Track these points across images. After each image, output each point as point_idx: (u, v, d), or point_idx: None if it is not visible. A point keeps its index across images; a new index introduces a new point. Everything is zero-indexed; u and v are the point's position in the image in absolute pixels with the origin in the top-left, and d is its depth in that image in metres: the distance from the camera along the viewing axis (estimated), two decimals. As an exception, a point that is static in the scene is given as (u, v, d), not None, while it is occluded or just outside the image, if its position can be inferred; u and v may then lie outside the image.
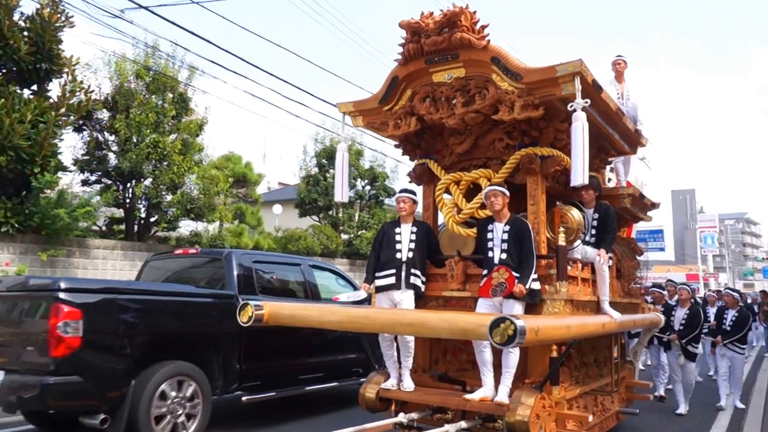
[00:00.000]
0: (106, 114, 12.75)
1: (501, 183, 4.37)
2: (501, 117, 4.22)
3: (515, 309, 3.98)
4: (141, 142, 12.25)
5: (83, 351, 4.16)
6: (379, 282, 4.49)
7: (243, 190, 18.64)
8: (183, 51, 13.82)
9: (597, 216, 4.72)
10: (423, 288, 4.49)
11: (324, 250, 16.47)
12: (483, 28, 4.24)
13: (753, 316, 10.46)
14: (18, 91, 10.55)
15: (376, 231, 10.48)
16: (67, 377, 4.11)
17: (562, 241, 4.14)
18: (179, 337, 4.79)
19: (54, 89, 11.53)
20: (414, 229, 4.55)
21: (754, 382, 9.16)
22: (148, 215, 13.46)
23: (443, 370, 4.59)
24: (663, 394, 7.58)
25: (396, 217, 4.69)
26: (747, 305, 7.83)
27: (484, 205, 4.38)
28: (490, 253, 4.21)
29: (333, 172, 12.12)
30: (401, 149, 5.05)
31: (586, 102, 3.91)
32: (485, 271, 4.20)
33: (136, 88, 12.69)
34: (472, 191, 4.66)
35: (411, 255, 4.46)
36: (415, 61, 4.45)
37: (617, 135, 5.03)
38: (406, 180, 5.11)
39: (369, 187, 18.59)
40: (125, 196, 13.00)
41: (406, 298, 4.43)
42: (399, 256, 4.46)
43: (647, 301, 6.74)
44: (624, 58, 6.05)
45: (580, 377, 4.50)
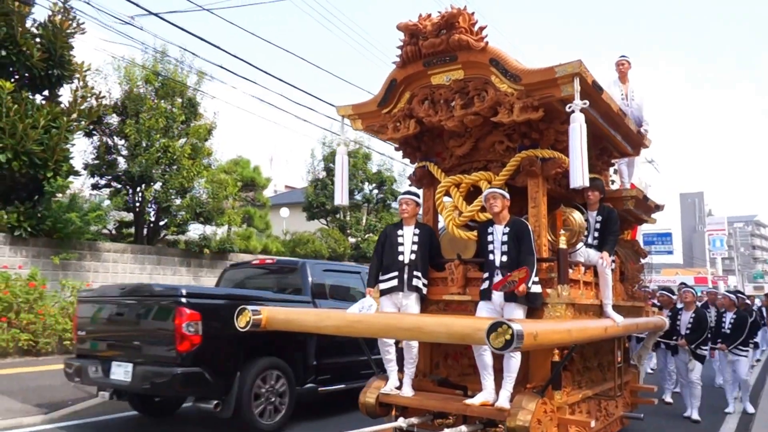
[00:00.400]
0: (115, 119, 12.91)
1: (501, 186, 4.33)
2: (500, 119, 4.18)
3: (515, 313, 3.94)
4: (151, 146, 12.39)
5: (202, 347, 4.93)
6: (383, 285, 4.47)
7: (251, 193, 18.77)
8: (191, 56, 13.99)
9: (600, 218, 4.66)
10: (425, 290, 4.46)
11: (332, 253, 16.51)
12: (481, 29, 4.20)
13: (762, 318, 10.25)
14: (30, 97, 10.74)
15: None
16: (191, 368, 4.90)
17: (563, 244, 4.09)
18: (271, 336, 5.15)
19: (65, 95, 11.72)
20: (416, 231, 4.53)
21: (763, 385, 9.02)
22: (157, 219, 13.60)
23: (444, 374, 4.56)
24: (668, 400, 7.47)
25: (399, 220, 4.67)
26: (750, 310, 7.64)
27: (484, 208, 4.35)
28: (490, 256, 4.17)
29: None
30: (401, 152, 5.03)
31: (584, 103, 3.85)
32: (486, 274, 4.17)
33: (145, 93, 12.84)
34: (472, 194, 4.62)
35: (413, 257, 4.44)
36: (414, 64, 4.42)
37: (620, 136, 4.96)
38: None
39: (377, 191, 18.63)
40: (135, 199, 13.14)
41: (410, 300, 4.41)
42: (401, 258, 4.44)
43: (654, 305, 6.64)
44: (628, 58, 5.96)
45: (582, 382, 4.44)
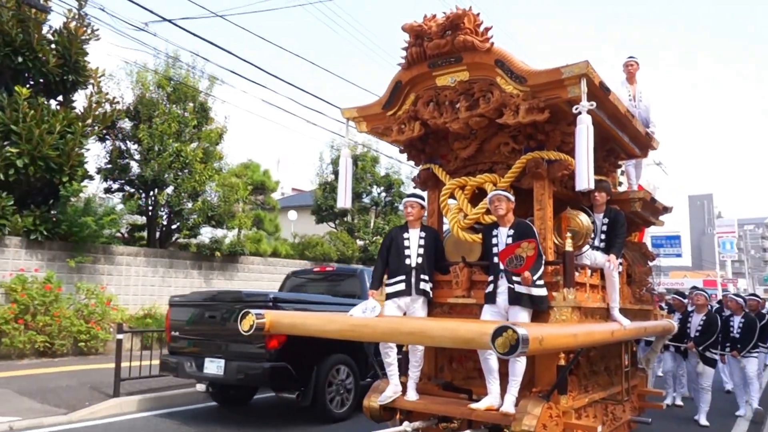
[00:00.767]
0: (128, 123, 13.06)
1: (506, 188, 4.30)
2: (506, 121, 4.15)
3: (521, 317, 3.90)
4: (163, 150, 12.51)
5: (287, 345, 5.59)
6: (390, 289, 4.44)
7: (261, 197, 18.88)
8: (203, 61, 14.13)
9: (606, 221, 4.60)
10: (431, 294, 4.44)
11: (340, 256, 16.54)
12: (486, 30, 4.16)
13: None
14: (46, 103, 10.93)
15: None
16: (278, 363, 5.65)
17: (569, 247, 4.04)
18: None
19: (79, 100, 11.90)
20: (422, 234, 4.50)
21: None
22: (169, 222, 13.72)
23: (449, 378, 4.52)
24: (678, 403, 7.35)
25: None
26: (761, 313, 7.44)
27: (489, 211, 4.31)
28: (495, 259, 4.13)
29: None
30: (406, 154, 5.02)
31: (591, 104, 3.81)
32: (491, 277, 4.14)
33: (158, 98, 12.99)
34: (477, 196, 4.59)
35: (420, 261, 4.41)
36: (419, 65, 4.39)
37: (627, 138, 4.90)
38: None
39: (384, 194, 18.66)
40: (148, 203, 13.28)
41: (417, 304, 4.38)
42: (408, 262, 4.41)
43: (661, 308, 6.54)
44: (636, 59, 5.90)
45: (589, 386, 4.38)
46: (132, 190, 13.10)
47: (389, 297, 4.43)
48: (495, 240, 4.17)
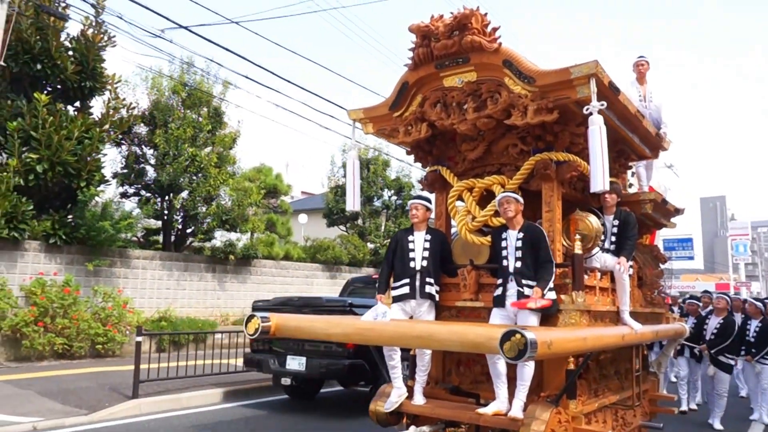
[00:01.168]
0: (144, 128, 13.25)
1: (514, 189, 4.25)
2: (514, 122, 4.10)
3: (529, 320, 3.85)
4: (179, 155, 12.66)
5: (363, 345, 5.68)
6: (395, 292, 4.41)
7: (274, 200, 19.01)
8: (217, 66, 14.29)
9: (617, 223, 4.53)
10: (437, 297, 4.41)
11: (351, 259, 16.56)
12: (494, 30, 4.13)
13: None
14: (64, 109, 11.14)
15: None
16: (356, 360, 6.36)
17: (578, 249, 3.99)
18: None
19: (96, 106, 12.11)
20: (428, 237, 4.46)
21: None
22: (184, 226, 13.86)
23: (456, 382, 4.48)
24: (692, 407, 7.21)
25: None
26: None
27: (498, 213, 4.26)
28: (504, 262, 4.09)
29: (360, 182, 12.46)
30: (413, 156, 4.99)
31: (602, 104, 3.75)
32: (500, 281, 4.09)
33: (173, 103, 13.17)
34: (485, 198, 4.54)
35: (425, 264, 4.37)
36: (426, 66, 4.36)
37: (637, 139, 4.82)
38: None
39: (395, 197, 18.66)
40: (163, 208, 13.44)
41: (423, 308, 4.34)
42: (413, 265, 4.37)
43: (672, 311, 6.42)
44: (646, 59, 5.81)
45: (599, 390, 4.30)
46: (148, 194, 13.27)
47: (395, 300, 4.39)
48: (504, 243, 4.12)
